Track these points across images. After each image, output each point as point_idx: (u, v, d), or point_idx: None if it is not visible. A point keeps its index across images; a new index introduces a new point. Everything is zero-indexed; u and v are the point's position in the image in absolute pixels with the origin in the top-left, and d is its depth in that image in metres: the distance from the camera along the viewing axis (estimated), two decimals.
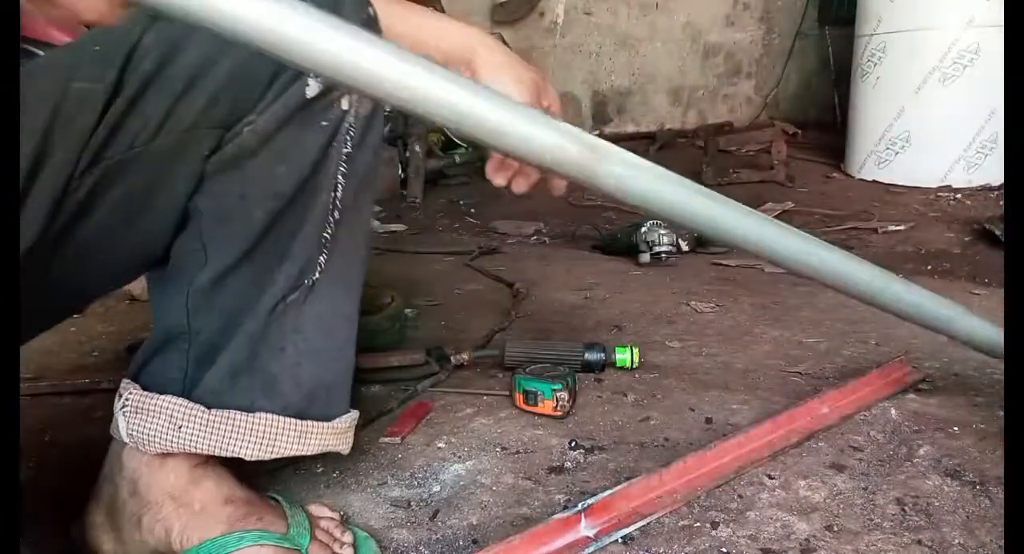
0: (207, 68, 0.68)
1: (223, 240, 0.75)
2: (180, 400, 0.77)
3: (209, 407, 0.77)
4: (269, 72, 0.70)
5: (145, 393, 0.78)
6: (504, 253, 2.37)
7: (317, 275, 0.79)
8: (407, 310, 1.56)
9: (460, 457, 1.02)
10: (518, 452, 1.03)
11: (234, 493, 0.80)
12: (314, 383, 0.81)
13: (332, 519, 0.85)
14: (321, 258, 0.79)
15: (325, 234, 0.78)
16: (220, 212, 0.74)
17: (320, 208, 0.77)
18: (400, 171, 3.30)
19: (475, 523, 0.87)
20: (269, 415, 0.79)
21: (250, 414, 0.78)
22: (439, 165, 3.53)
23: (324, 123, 0.75)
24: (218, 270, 0.75)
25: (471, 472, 0.98)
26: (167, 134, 0.68)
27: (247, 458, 0.78)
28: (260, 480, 0.95)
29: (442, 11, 4.04)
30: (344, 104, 0.75)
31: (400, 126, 3.46)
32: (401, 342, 1.44)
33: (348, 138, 0.77)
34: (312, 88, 0.72)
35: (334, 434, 0.84)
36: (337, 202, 0.78)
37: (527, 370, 1.17)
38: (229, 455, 0.78)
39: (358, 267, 0.84)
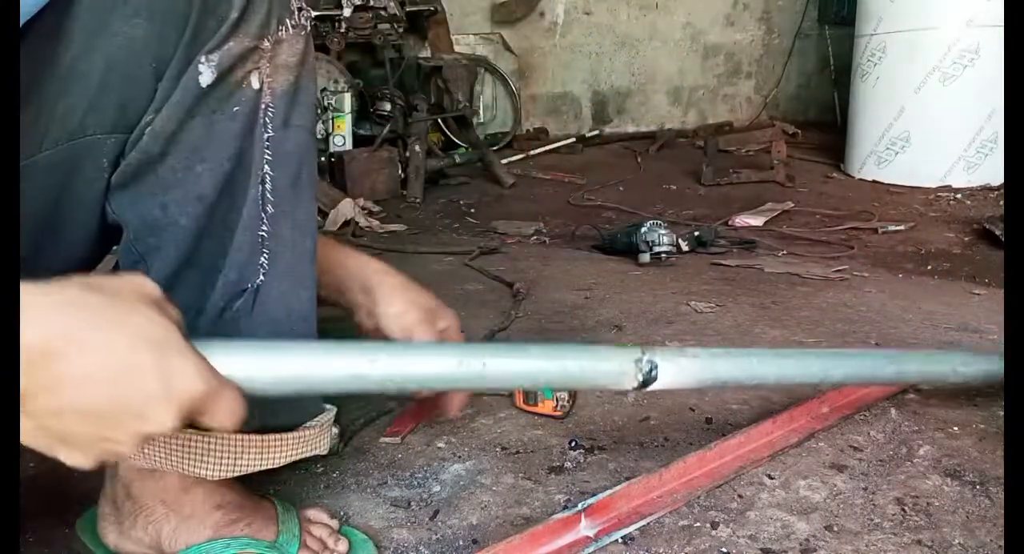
0: (76, 66, 0.61)
1: (158, 250, 0.70)
2: None
3: None
4: (148, 65, 0.64)
5: None
6: (504, 253, 2.37)
7: (261, 277, 0.73)
8: None
9: (460, 457, 1.02)
10: (518, 452, 1.03)
11: (225, 498, 0.79)
12: None
13: (327, 526, 0.84)
14: (262, 259, 0.72)
15: (261, 232, 0.72)
16: (146, 223, 0.69)
17: (250, 205, 0.71)
18: (400, 171, 3.29)
19: (475, 523, 0.87)
20: (225, 434, 0.73)
21: (205, 434, 0.73)
22: (439, 165, 3.53)
23: (236, 108, 0.68)
24: (160, 281, 0.70)
25: (471, 472, 0.98)
26: (55, 142, 0.63)
27: (210, 478, 0.74)
28: (260, 479, 0.95)
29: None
30: (255, 83, 0.68)
31: (400, 126, 3.47)
32: None
33: (267, 121, 0.69)
34: (206, 75, 0.65)
35: (301, 442, 0.78)
36: (268, 195, 0.71)
37: None
38: (192, 475, 0.74)
39: (307, 260, 0.77)
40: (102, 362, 0.45)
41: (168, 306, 0.50)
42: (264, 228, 0.72)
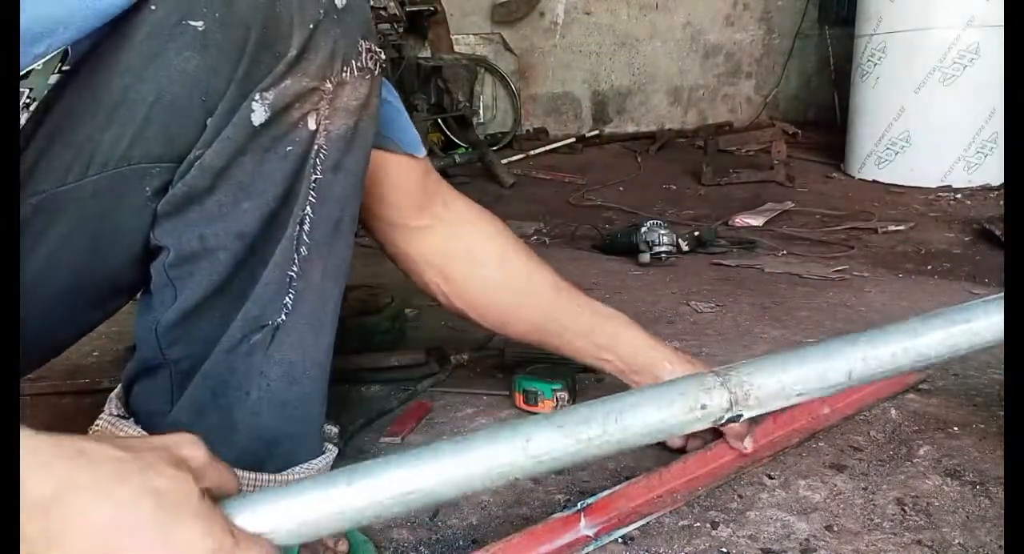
0: (127, 95, 0.62)
1: (190, 277, 0.70)
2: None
3: None
4: (198, 98, 0.64)
5: (113, 422, 0.75)
6: None
7: (283, 317, 0.72)
8: (407, 310, 1.56)
9: None
10: None
11: None
12: (275, 433, 0.76)
13: None
14: (287, 299, 0.72)
15: (290, 273, 0.71)
16: (183, 252, 0.69)
17: (285, 243, 0.70)
18: None
19: (475, 523, 0.87)
20: None
21: None
22: (439, 165, 3.53)
23: (289, 148, 0.67)
24: (187, 307, 0.71)
25: None
26: (101, 168, 0.64)
27: None
28: None
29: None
30: (311, 124, 0.67)
31: None
32: (401, 342, 1.44)
33: (318, 162, 0.69)
34: (258, 113, 0.64)
35: None
36: (304, 237, 0.70)
37: (527, 370, 1.17)
38: None
39: (332, 306, 0.76)
40: (98, 519, 0.42)
41: (191, 463, 0.47)
42: (294, 269, 0.71)
